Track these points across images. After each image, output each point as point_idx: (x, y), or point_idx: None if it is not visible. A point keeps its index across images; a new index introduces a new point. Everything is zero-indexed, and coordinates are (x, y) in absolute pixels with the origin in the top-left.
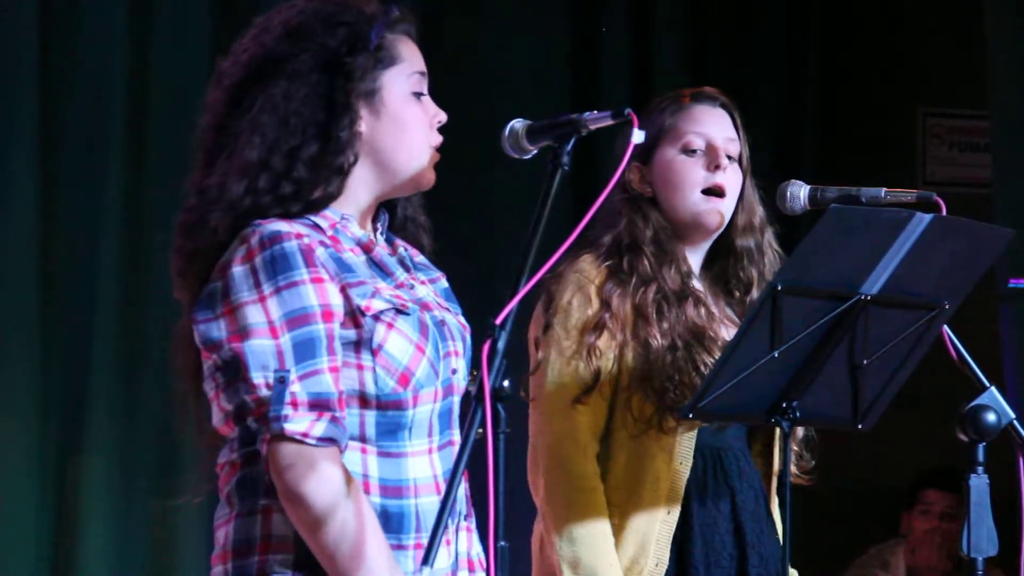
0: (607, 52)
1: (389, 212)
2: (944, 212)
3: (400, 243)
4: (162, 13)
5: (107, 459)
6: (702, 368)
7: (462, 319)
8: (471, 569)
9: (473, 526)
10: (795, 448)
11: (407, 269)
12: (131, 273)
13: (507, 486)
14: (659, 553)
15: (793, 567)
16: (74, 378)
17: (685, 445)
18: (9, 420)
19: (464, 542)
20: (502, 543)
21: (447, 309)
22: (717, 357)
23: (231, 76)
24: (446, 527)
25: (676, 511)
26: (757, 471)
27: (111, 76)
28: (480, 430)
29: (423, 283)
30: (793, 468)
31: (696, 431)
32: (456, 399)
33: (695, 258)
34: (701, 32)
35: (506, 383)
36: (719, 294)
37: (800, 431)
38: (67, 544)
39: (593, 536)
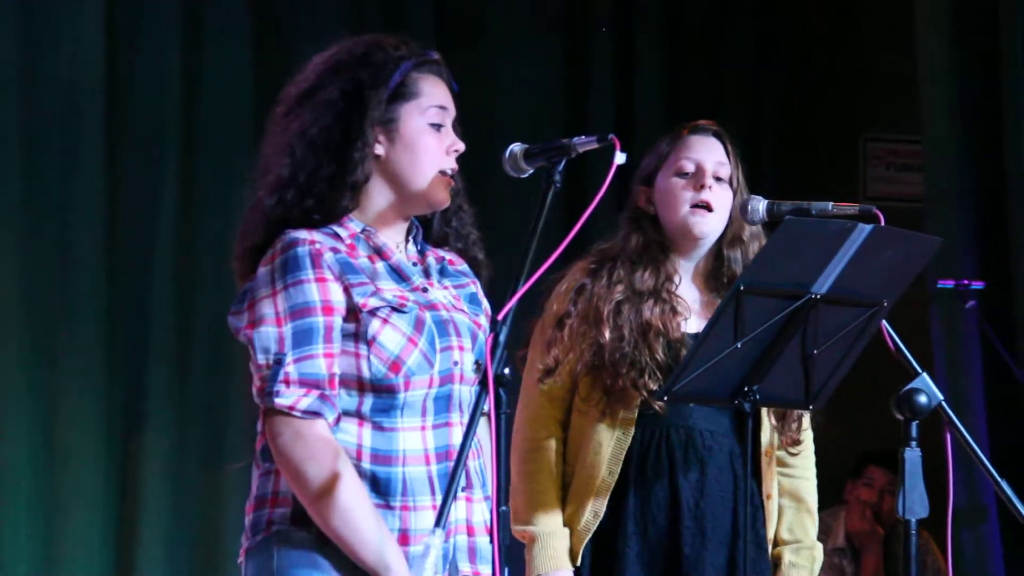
0: (596, 61)
1: (425, 227)
2: (883, 223)
3: (434, 253)
4: (209, 25)
5: (165, 437)
6: (639, 364)
7: (480, 320)
8: (470, 533)
9: (475, 496)
10: (775, 422)
11: (428, 275)
12: (185, 269)
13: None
14: (596, 507)
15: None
16: (135, 364)
17: (624, 423)
18: (79, 399)
19: (462, 510)
20: (503, 508)
21: (461, 311)
22: (659, 355)
23: (284, 103)
24: (454, 496)
25: (615, 475)
26: (724, 450)
27: (167, 84)
28: (485, 411)
29: (445, 288)
30: (778, 440)
31: (636, 412)
32: (457, 387)
33: (688, 265)
34: (677, 66)
35: (507, 370)
36: (709, 293)
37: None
38: (129, 511)
39: (536, 487)
